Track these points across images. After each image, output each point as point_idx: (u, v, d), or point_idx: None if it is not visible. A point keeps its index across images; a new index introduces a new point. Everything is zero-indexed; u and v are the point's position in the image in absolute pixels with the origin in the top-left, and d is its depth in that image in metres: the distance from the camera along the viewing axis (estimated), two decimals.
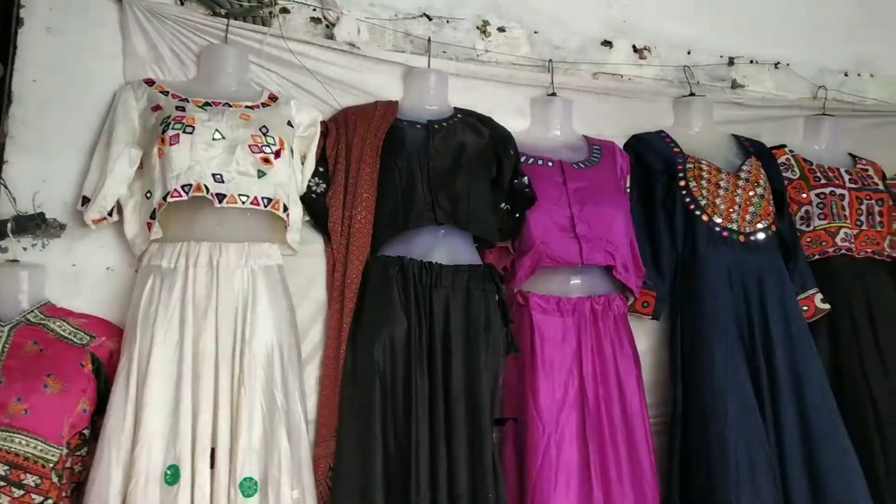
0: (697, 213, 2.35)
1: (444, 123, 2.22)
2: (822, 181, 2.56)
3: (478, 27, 2.46)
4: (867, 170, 2.67)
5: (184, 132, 1.88)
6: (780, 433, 2.18)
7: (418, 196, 2.05)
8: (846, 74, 2.88)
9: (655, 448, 2.22)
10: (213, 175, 1.88)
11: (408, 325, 1.94)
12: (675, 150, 2.45)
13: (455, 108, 2.30)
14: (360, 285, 2.02)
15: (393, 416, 1.90)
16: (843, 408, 2.28)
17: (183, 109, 1.93)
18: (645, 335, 2.37)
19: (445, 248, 2.07)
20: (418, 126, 2.18)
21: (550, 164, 2.30)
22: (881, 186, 2.64)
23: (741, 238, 2.35)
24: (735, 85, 2.72)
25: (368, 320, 1.97)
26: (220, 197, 1.87)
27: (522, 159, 2.27)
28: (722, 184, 2.38)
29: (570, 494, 2.02)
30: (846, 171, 2.61)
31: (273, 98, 2.11)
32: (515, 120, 2.39)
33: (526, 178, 2.20)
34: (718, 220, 2.34)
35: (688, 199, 2.36)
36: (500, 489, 1.92)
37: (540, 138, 2.39)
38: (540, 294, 2.19)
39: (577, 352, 2.16)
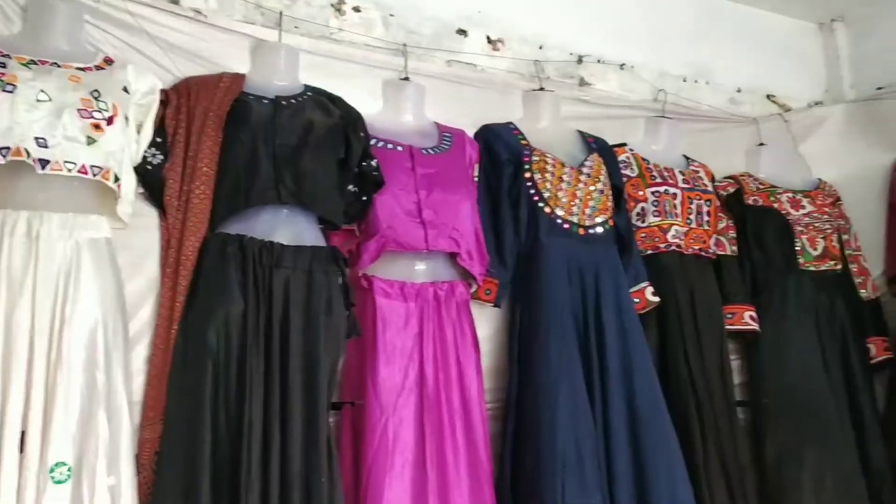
0: (541, 204, 2.41)
1: (293, 100, 2.16)
2: (658, 180, 2.69)
3: (332, 4, 2.42)
4: (699, 171, 2.83)
5: (3, 90, 1.74)
6: (607, 419, 2.27)
7: (262, 173, 1.99)
8: (685, 80, 3.04)
9: (491, 433, 2.27)
10: (37, 139, 1.75)
11: (245, 306, 1.89)
12: (523, 142, 2.51)
13: (305, 86, 2.25)
14: (196, 263, 1.94)
15: (225, 400, 1.84)
16: (668, 395, 2.40)
17: (3, 66, 1.79)
18: (486, 322, 2.41)
19: (288, 228, 2.02)
20: (265, 101, 2.12)
21: (400, 148, 2.29)
22: (710, 188, 2.80)
23: (581, 231, 2.43)
24: (583, 83, 2.81)
25: (203, 300, 1.90)
26: (44, 163, 1.75)
27: (372, 142, 2.25)
28: (565, 177, 2.46)
29: (404, 478, 2.03)
30: (680, 172, 2.76)
31: (108, 61, 1.99)
32: (367, 102, 2.36)
33: (375, 161, 2.19)
34: (560, 213, 2.42)
35: (532, 191, 2.42)
36: (333, 473, 1.90)
37: (391, 122, 2.38)
38: (384, 278, 2.19)
39: (419, 337, 2.17)
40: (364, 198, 2.18)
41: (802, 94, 3.27)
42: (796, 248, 2.80)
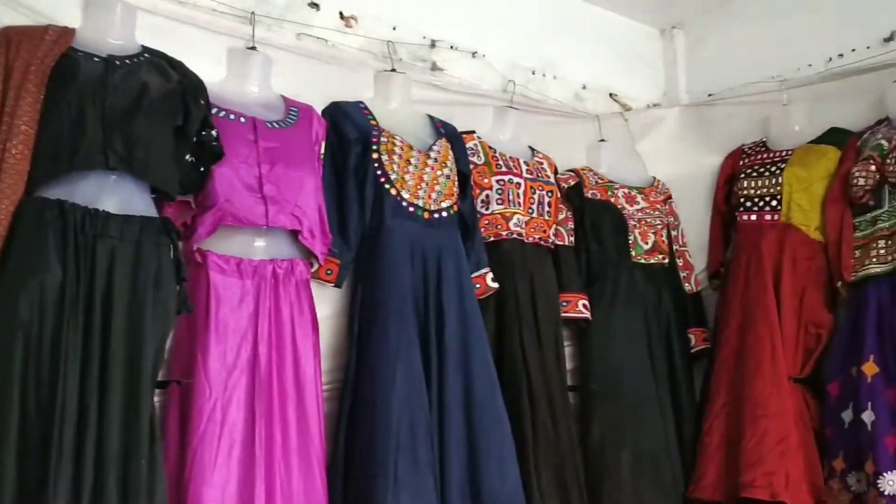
0: (387, 186, 2.40)
1: (128, 61, 2.04)
2: (503, 169, 2.74)
3: None
4: (542, 163, 2.91)
5: None
6: (443, 401, 2.30)
7: (88, 135, 1.86)
8: (533, 73, 3.11)
9: (327, 413, 2.24)
10: None
11: (63, 277, 1.76)
12: (372, 122, 2.48)
13: (143, 47, 2.12)
14: (9, 228, 1.79)
15: (36, 376, 1.71)
16: (503, 379, 2.47)
17: None
18: (327, 302, 2.38)
19: (116, 195, 1.90)
20: (96, 59, 1.98)
21: (243, 119, 2.21)
22: (552, 179, 2.89)
23: (426, 215, 2.44)
24: (435, 67, 2.82)
25: (15, 268, 1.76)
26: None
27: (213, 111, 2.16)
28: (412, 161, 2.46)
29: (231, 460, 1.98)
30: (525, 162, 2.82)
31: None
32: (210, 70, 2.26)
33: (215, 130, 2.10)
34: (406, 196, 2.42)
35: (379, 172, 2.41)
36: (155, 455, 1.81)
37: (235, 92, 2.29)
38: (220, 254, 2.11)
39: (254, 315, 2.11)
40: (202, 168, 2.10)
41: (642, 95, 3.42)
42: (629, 242, 2.93)
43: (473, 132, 2.78)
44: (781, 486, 2.51)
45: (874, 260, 2.60)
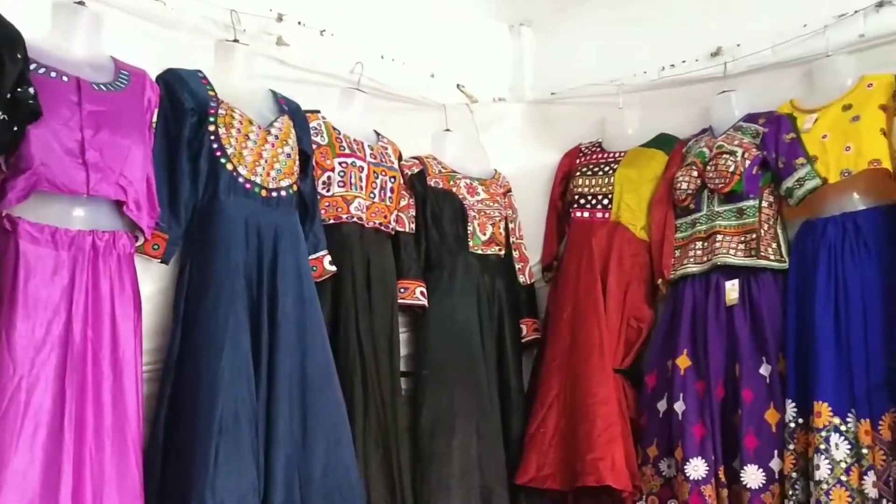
0: (223, 160, 2.31)
1: None
2: (347, 151, 2.71)
3: None
4: (387, 148, 2.89)
5: None
6: (275, 384, 2.24)
7: None
8: (383, 57, 3.08)
9: (147, 395, 2.14)
10: None
11: None
12: (211, 93, 2.38)
13: None
14: None
15: None
16: (337, 363, 2.44)
17: None
18: (152, 279, 2.27)
19: None
20: None
21: (66, 78, 2.05)
22: (396, 165, 2.88)
23: (263, 192, 2.37)
24: (280, 42, 2.73)
25: None
26: None
27: (32, 67, 1.99)
28: (251, 136, 2.38)
29: (36, 443, 1.84)
30: (369, 146, 2.80)
31: None
32: (32, 24, 2.08)
33: (32, 88, 1.93)
34: (243, 172, 2.33)
35: (215, 146, 2.31)
36: None
37: (58, 49, 2.12)
38: (32, 221, 1.96)
39: (69, 289, 1.98)
40: (15, 128, 1.92)
41: (489, 89, 3.47)
42: (468, 232, 2.98)
43: (318, 111, 2.72)
44: (608, 470, 2.63)
45: (692, 260, 2.77)
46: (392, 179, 2.81)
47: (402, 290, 2.81)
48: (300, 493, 2.21)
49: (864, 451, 2.35)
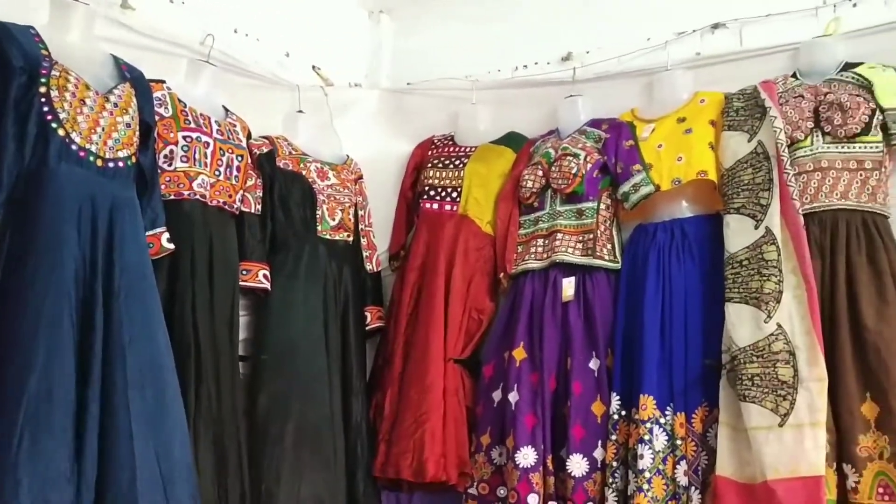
0: (55, 125, 2.16)
1: None
2: (192, 125, 2.60)
3: None
4: (236, 125, 2.81)
5: None
6: (110, 365, 2.11)
7: None
8: (236, 31, 2.99)
9: None
10: None
11: None
12: (44, 52, 2.21)
13: None
14: None
15: None
16: (171, 343, 2.34)
17: None
18: None
19: None
20: None
21: None
22: (244, 144, 2.80)
23: (99, 162, 2.24)
24: (125, 5, 2.59)
25: None
26: None
27: None
28: (88, 102, 2.23)
29: None
30: (216, 122, 2.70)
31: None
32: None
33: None
34: (77, 139, 2.19)
35: (46, 109, 2.15)
36: None
37: None
38: None
39: None
40: None
41: (345, 73, 3.44)
42: (317, 216, 2.94)
43: (163, 82, 2.60)
44: (407, 466, 2.70)
45: (533, 256, 2.87)
46: (239, 158, 2.73)
47: (244, 273, 2.73)
48: (125, 479, 2.11)
49: (679, 442, 2.51)
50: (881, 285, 2.35)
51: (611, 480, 2.57)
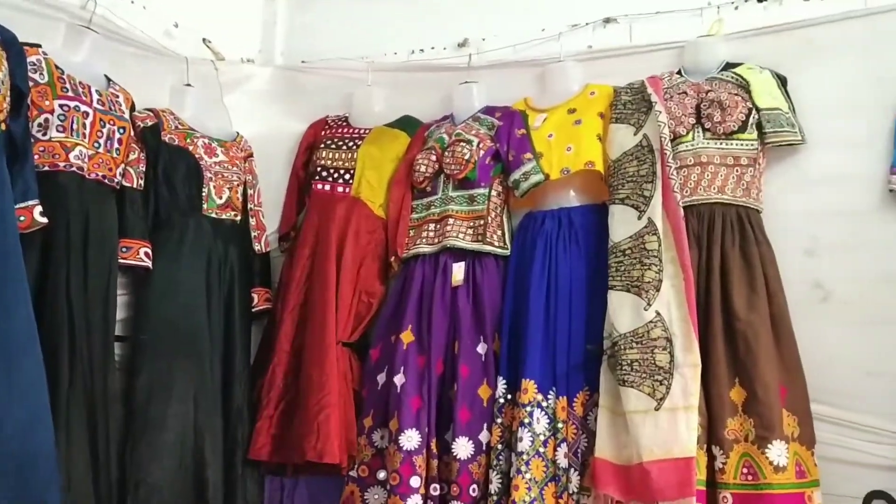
0: None
1: None
2: (70, 94, 2.47)
3: None
4: (118, 96, 2.69)
5: None
6: None
7: None
8: None
9: None
10: None
11: None
12: None
13: None
14: None
15: None
16: (42, 323, 2.23)
17: None
18: None
19: None
20: None
21: None
22: (127, 115, 2.69)
23: None
24: None
25: None
26: None
27: None
28: None
29: None
30: (97, 91, 2.58)
31: None
32: None
33: None
34: None
35: None
36: None
37: None
38: None
39: None
40: None
41: (237, 48, 3.34)
42: (203, 194, 2.85)
43: (38, 46, 2.46)
44: (311, 447, 2.65)
45: (424, 241, 2.87)
46: (121, 130, 2.62)
47: (124, 250, 2.63)
48: None
49: (560, 425, 2.57)
50: (752, 277, 2.47)
51: (495, 463, 2.61)
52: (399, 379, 2.71)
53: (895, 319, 2.45)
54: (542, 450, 2.56)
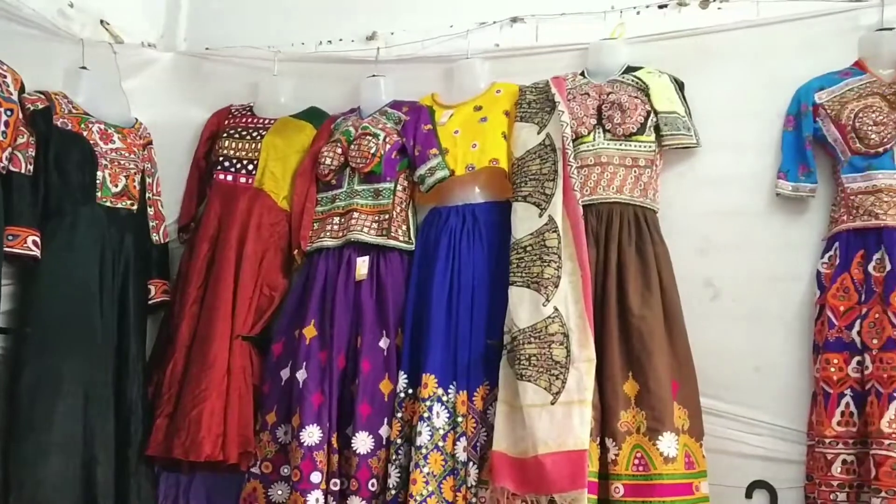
0: None
1: None
2: None
3: None
4: (6, 76, 2.57)
5: None
6: None
7: None
8: None
9: None
10: None
11: None
12: None
13: None
14: None
15: None
16: None
17: None
18: None
19: None
20: None
21: None
22: (15, 97, 2.57)
23: None
24: None
25: None
26: None
27: None
28: None
29: None
30: None
31: None
32: None
33: None
34: None
35: None
36: None
37: None
38: None
39: None
40: None
41: (138, 32, 3.24)
42: (97, 181, 2.76)
43: None
44: (181, 445, 2.62)
45: (328, 234, 2.85)
46: (8, 112, 2.50)
47: (10, 238, 2.51)
48: None
49: (460, 419, 2.59)
50: (647, 274, 2.54)
51: (394, 457, 2.61)
52: (301, 374, 2.68)
53: (780, 317, 2.57)
54: (441, 444, 2.57)
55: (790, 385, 2.52)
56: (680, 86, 2.70)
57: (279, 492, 2.68)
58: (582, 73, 2.81)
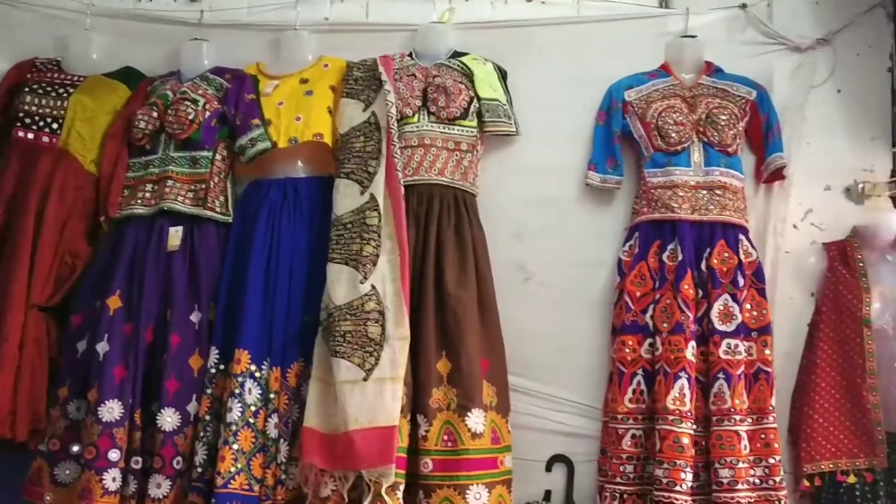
0: None
1: None
2: None
3: None
4: None
5: None
6: None
7: None
8: None
9: None
10: None
11: None
12: None
13: None
14: None
15: None
16: None
17: None
18: None
19: None
20: None
21: None
22: None
23: None
24: None
25: None
26: None
27: None
28: None
29: None
30: None
31: None
32: None
33: None
34: None
35: None
36: None
37: None
38: None
39: None
40: None
41: None
42: None
43: None
44: None
45: (139, 202, 2.71)
46: None
47: None
48: None
49: (272, 396, 2.55)
50: (464, 256, 2.61)
51: (202, 434, 2.53)
52: (102, 347, 2.53)
53: (585, 301, 2.73)
54: (252, 420, 2.53)
55: (591, 365, 2.69)
56: (503, 74, 2.78)
57: (66, 471, 2.53)
58: (410, 55, 2.83)
